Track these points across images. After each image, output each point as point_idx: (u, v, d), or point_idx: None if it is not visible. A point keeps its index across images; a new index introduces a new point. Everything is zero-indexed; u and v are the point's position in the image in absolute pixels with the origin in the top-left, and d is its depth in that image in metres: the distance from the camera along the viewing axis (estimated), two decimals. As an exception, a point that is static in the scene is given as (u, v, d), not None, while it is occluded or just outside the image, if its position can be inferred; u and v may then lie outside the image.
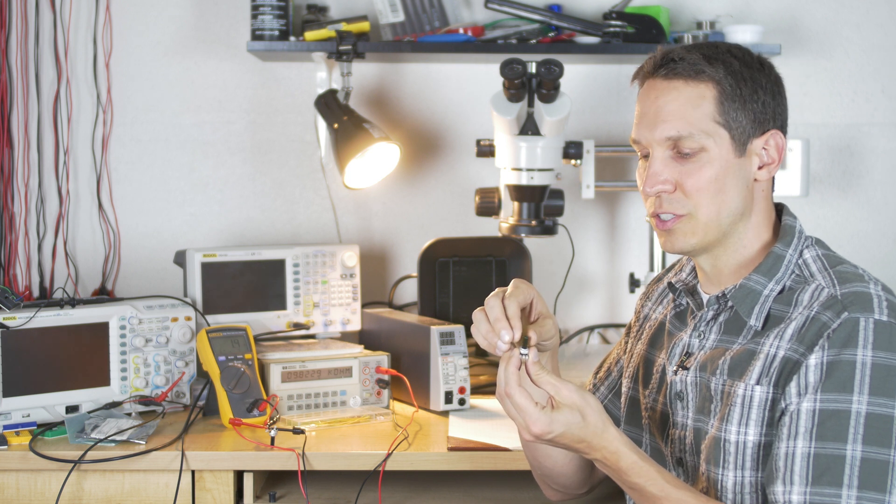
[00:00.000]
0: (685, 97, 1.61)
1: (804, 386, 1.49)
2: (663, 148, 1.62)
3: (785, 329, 1.56)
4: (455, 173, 2.99)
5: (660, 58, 1.63)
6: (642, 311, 1.87)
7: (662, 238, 1.66)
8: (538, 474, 1.89)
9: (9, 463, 2.10)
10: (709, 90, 1.60)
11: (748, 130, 1.62)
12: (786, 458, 1.48)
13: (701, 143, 1.60)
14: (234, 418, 2.26)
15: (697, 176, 1.60)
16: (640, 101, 1.66)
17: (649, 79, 1.65)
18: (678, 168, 1.61)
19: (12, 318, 2.21)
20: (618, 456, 1.53)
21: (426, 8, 2.84)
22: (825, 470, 1.45)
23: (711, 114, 1.60)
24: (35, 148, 2.90)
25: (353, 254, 2.73)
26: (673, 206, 1.62)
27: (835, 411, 1.47)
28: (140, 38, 2.93)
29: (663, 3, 2.88)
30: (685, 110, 1.60)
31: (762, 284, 1.61)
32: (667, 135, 1.61)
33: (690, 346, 1.68)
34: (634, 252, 3.00)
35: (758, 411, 1.55)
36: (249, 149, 2.97)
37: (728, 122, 1.60)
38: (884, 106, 2.97)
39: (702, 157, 1.60)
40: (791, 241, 1.64)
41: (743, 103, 1.61)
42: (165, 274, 2.90)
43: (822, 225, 2.97)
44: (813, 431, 1.47)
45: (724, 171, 1.61)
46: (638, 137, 1.65)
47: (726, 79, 1.60)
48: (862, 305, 1.51)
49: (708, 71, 1.60)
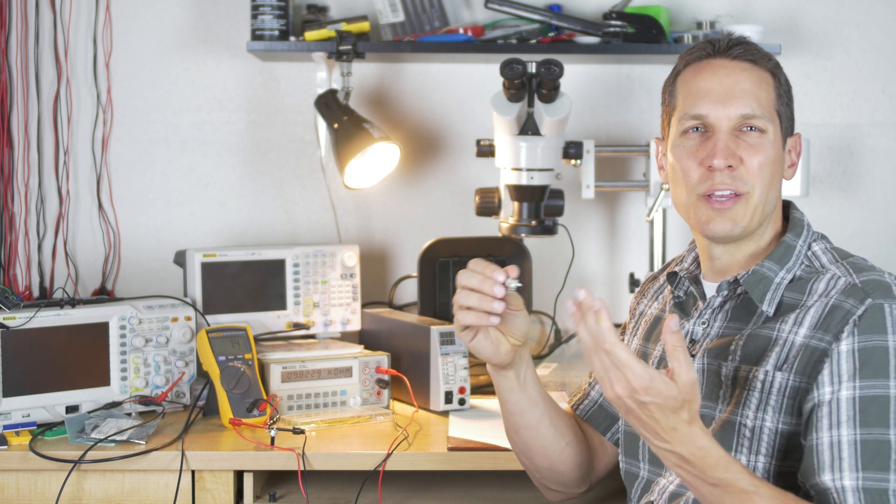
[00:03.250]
0: (755, 79, 1.65)
1: (837, 374, 1.50)
2: (732, 124, 1.63)
3: (802, 316, 1.57)
4: (455, 173, 2.99)
5: (728, 39, 1.67)
6: (637, 309, 1.88)
7: (710, 216, 1.64)
8: (535, 476, 1.89)
9: (9, 463, 2.10)
10: (770, 78, 1.66)
11: (788, 126, 1.69)
12: (831, 448, 1.48)
13: (765, 125, 1.64)
14: (234, 418, 2.26)
15: (763, 154, 1.63)
16: (701, 78, 1.66)
17: (712, 59, 1.66)
18: (742, 145, 1.63)
19: (12, 318, 2.21)
20: (706, 451, 1.45)
21: (426, 8, 2.84)
22: (874, 455, 1.46)
23: (773, 100, 1.65)
24: (35, 148, 2.90)
25: (353, 254, 2.73)
26: (736, 182, 1.62)
27: (875, 397, 1.48)
28: (140, 38, 2.93)
29: (663, 3, 2.88)
30: (757, 91, 1.64)
31: (774, 272, 1.63)
32: (742, 112, 1.63)
33: (694, 333, 1.69)
34: (634, 252, 3.00)
35: (776, 397, 1.55)
36: (249, 149, 2.97)
37: (781, 112, 1.66)
38: (884, 106, 2.97)
39: (764, 139, 1.64)
40: (801, 233, 1.67)
41: (788, 100, 1.68)
42: (165, 274, 2.90)
43: (822, 225, 2.97)
44: (856, 419, 1.47)
45: (776, 159, 1.65)
46: (703, 112, 1.64)
47: (780, 73, 1.68)
48: (883, 292, 1.53)
49: (773, 60, 1.67)
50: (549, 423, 1.80)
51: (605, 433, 1.89)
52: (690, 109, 1.65)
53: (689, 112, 1.65)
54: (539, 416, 1.79)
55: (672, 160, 1.68)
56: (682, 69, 1.70)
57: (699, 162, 1.64)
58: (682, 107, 1.67)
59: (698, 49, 1.69)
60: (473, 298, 1.60)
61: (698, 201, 1.65)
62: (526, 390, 1.76)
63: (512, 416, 1.79)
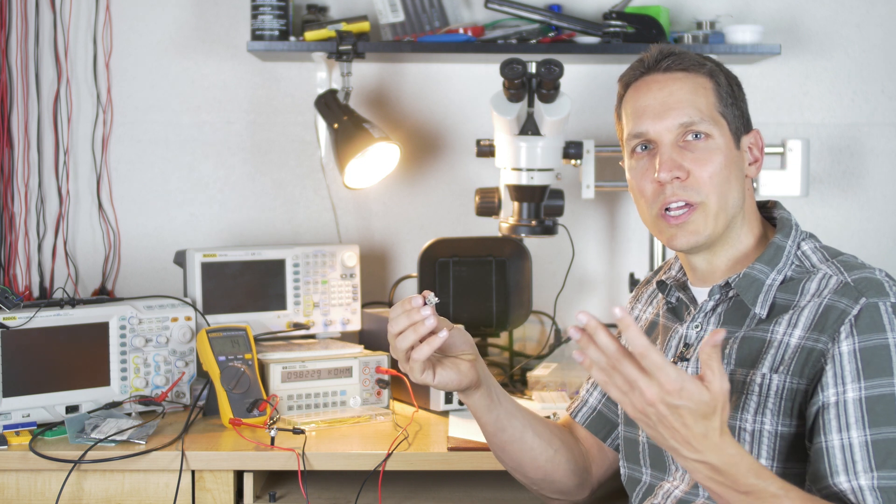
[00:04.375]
0: (690, 86, 1.65)
1: (842, 376, 1.50)
2: (672, 136, 1.64)
3: (796, 317, 1.57)
4: (455, 173, 2.99)
5: (656, 53, 1.69)
6: (632, 314, 1.88)
7: (671, 233, 1.65)
8: (534, 489, 1.89)
9: (9, 463, 2.10)
10: (707, 82, 1.67)
11: (740, 126, 1.69)
12: (843, 450, 1.48)
13: (709, 130, 1.64)
14: (234, 418, 2.26)
15: (710, 162, 1.63)
16: (638, 97, 1.68)
17: (645, 76, 1.69)
18: (688, 156, 1.64)
19: (12, 318, 2.21)
20: (737, 459, 1.41)
21: (426, 8, 2.84)
22: (887, 454, 1.46)
23: (713, 103, 1.66)
24: (35, 148, 2.90)
25: (353, 254, 2.73)
26: (688, 193, 1.63)
27: (880, 396, 1.48)
28: (140, 38, 2.93)
29: (663, 3, 2.88)
30: (693, 98, 1.65)
31: (765, 273, 1.63)
32: (680, 121, 1.64)
33: (688, 338, 1.69)
34: (634, 252, 3.00)
35: (774, 400, 1.55)
36: (249, 149, 2.97)
37: (725, 114, 1.66)
38: (884, 106, 2.97)
39: (710, 144, 1.64)
40: (789, 233, 1.67)
41: (734, 100, 1.68)
42: (165, 274, 2.90)
43: (822, 225, 2.97)
44: (864, 419, 1.48)
45: (729, 161, 1.65)
46: (643, 130, 1.66)
47: (718, 75, 1.68)
48: (876, 290, 1.54)
49: (707, 64, 1.67)
50: (534, 433, 1.82)
51: (605, 439, 1.90)
52: (633, 129, 1.68)
53: (633, 132, 1.68)
54: (521, 426, 1.81)
55: (629, 181, 1.72)
56: (624, 92, 1.73)
57: (650, 180, 1.66)
58: (627, 128, 1.70)
59: (632, 69, 1.72)
60: (403, 320, 1.63)
61: (657, 219, 1.67)
62: (502, 404, 1.79)
63: (495, 436, 1.81)
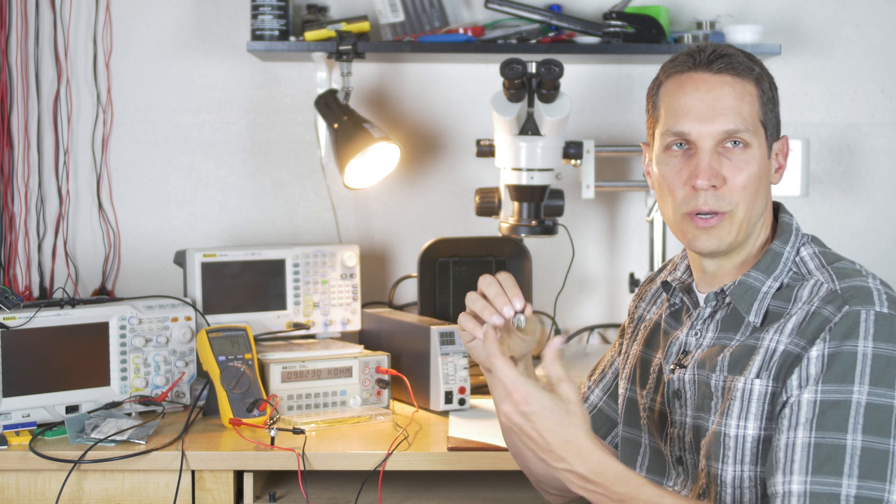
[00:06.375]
0: (738, 92, 1.61)
1: (805, 378, 1.49)
2: (714, 142, 1.61)
3: (785, 324, 1.56)
4: (455, 173, 2.99)
5: (710, 52, 1.63)
6: (636, 312, 1.87)
7: (695, 235, 1.63)
8: (533, 480, 1.89)
9: (9, 463, 2.10)
10: (753, 89, 1.63)
11: (774, 134, 1.66)
12: (786, 449, 1.47)
13: (749, 140, 1.61)
14: (234, 418, 2.26)
15: (746, 172, 1.61)
16: (683, 93, 1.64)
17: (693, 72, 1.64)
18: (726, 163, 1.61)
19: (12, 318, 2.21)
20: (603, 466, 1.45)
21: (426, 8, 2.84)
22: (826, 459, 1.44)
23: (757, 112, 1.62)
24: (35, 148, 2.90)
25: (353, 254, 2.73)
26: (720, 202, 1.61)
27: (835, 402, 1.46)
28: (140, 38, 2.93)
29: (663, 3, 2.88)
30: (739, 105, 1.61)
31: (760, 281, 1.62)
32: (725, 128, 1.60)
33: (687, 345, 1.68)
34: (634, 252, 3.00)
35: (757, 405, 1.55)
36: (249, 149, 2.97)
37: (765, 122, 1.63)
38: (884, 106, 2.97)
39: (747, 154, 1.61)
40: (789, 239, 1.65)
41: (773, 106, 1.65)
42: (165, 274, 2.90)
43: (822, 225, 2.97)
44: (813, 422, 1.46)
45: (761, 171, 1.63)
46: (685, 130, 1.62)
47: (763, 81, 1.64)
48: (862, 299, 1.51)
49: (755, 70, 1.63)
50: None
51: (605, 437, 1.89)
52: (673, 126, 1.63)
53: (672, 129, 1.63)
54: None
55: (657, 174, 1.68)
56: (665, 80, 1.68)
57: (683, 181, 1.62)
58: (665, 122, 1.65)
59: (680, 61, 1.66)
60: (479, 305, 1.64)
61: (684, 219, 1.64)
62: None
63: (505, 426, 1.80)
